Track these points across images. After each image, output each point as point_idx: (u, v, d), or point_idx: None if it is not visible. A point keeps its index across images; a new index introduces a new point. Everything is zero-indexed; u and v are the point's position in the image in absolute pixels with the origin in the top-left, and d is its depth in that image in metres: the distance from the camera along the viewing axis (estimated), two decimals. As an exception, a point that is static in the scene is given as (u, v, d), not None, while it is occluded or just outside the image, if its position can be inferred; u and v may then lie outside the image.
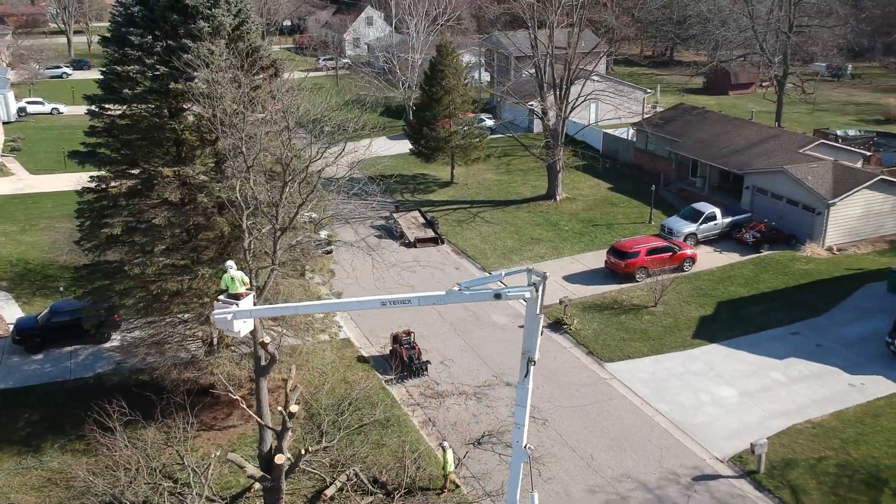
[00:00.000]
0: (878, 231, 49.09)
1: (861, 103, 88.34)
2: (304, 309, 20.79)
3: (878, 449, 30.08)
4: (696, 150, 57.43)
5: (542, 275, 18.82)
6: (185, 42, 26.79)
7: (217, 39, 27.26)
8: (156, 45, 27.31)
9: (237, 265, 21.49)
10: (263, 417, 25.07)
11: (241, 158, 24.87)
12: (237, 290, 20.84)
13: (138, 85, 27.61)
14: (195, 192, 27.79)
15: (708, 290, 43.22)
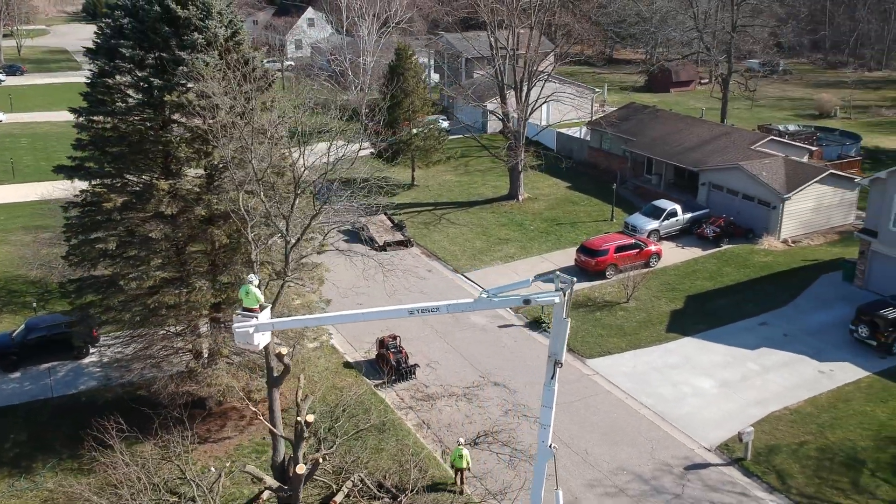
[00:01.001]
0: (829, 223, 51.44)
1: (795, 98, 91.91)
2: (327, 320, 21.03)
3: (853, 432, 31.76)
4: (651, 148, 59.11)
5: (568, 280, 19.47)
6: (180, 54, 26.62)
7: (211, 51, 27.16)
8: (147, 58, 27.04)
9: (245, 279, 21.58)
10: (276, 428, 25.16)
11: (249, 169, 24.91)
12: (252, 305, 20.94)
13: (129, 97, 27.31)
14: (191, 205, 27.63)
15: (675, 285, 44.69)
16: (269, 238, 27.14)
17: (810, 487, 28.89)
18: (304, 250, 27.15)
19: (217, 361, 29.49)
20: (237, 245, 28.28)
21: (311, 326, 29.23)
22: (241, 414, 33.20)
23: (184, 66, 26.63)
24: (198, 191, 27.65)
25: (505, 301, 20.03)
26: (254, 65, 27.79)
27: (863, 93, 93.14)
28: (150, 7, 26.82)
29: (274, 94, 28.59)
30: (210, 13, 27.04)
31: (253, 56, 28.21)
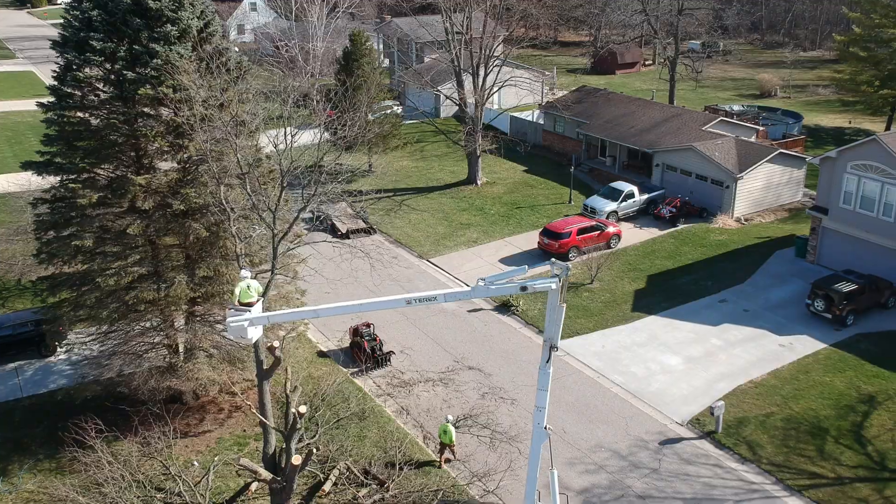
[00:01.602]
0: (778, 200, 53.20)
1: (737, 79, 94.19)
2: (323, 312, 21.16)
3: (815, 402, 33.20)
4: (605, 131, 60.12)
5: (564, 266, 19.98)
6: (153, 47, 26.24)
7: (184, 42, 26.82)
8: (119, 50, 26.58)
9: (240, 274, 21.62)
10: (265, 423, 25.23)
11: (226, 162, 24.81)
12: (251, 299, 21.01)
13: (101, 91, 26.83)
14: (167, 199, 27.35)
15: (636, 265, 45.79)
16: (251, 231, 27.01)
17: (779, 456, 30.17)
18: (290, 242, 27.11)
19: (197, 355, 29.31)
20: (215, 239, 28.10)
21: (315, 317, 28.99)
22: (219, 407, 33.10)
23: (158, 58, 26.23)
24: (175, 185, 27.33)
25: (502, 289, 20.46)
26: (228, 56, 27.51)
27: (800, 72, 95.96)
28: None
29: (248, 84, 28.30)
30: (182, 4, 26.66)
31: (226, 47, 27.94)
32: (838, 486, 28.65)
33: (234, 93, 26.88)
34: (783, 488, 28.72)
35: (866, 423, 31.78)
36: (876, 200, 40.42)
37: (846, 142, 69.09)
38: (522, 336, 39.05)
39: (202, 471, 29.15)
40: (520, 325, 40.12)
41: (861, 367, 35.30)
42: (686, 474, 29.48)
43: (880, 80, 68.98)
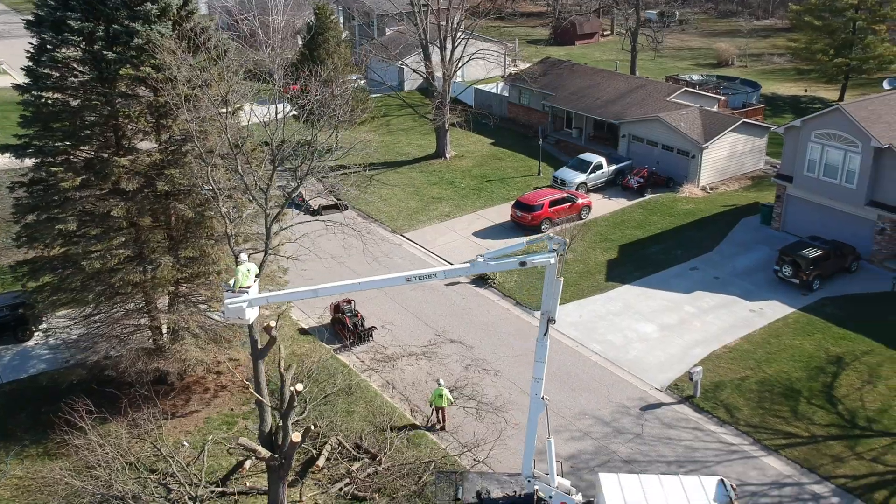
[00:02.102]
0: (742, 169, 54.38)
1: (694, 48, 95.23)
2: (323, 291, 21.33)
3: (787, 364, 34.39)
4: (571, 102, 60.62)
5: (562, 241, 20.46)
6: (133, 26, 25.85)
7: (164, 21, 26.47)
8: (97, 30, 26.13)
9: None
10: (261, 402, 25.38)
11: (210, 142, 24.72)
12: (248, 283, 21.16)
13: (80, 72, 26.39)
14: (152, 180, 27.12)
15: (608, 236, 46.58)
16: (239, 211, 26.97)
17: (756, 418, 31.29)
18: (283, 221, 27.16)
19: (183, 336, 29.26)
20: (201, 219, 27.98)
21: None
22: (204, 387, 33.12)
23: (139, 38, 25.86)
24: (158, 166, 27.09)
25: (502, 265, 20.88)
26: (208, 34, 27.24)
27: (754, 41, 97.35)
28: (96, -24, 25.84)
29: (230, 62, 28.03)
30: (162, -17, 26.28)
31: (207, 25, 27.64)
32: (812, 444, 29.85)
33: (216, 71, 26.57)
34: (761, 448, 29.83)
35: (836, 384, 33.05)
36: (839, 168, 41.61)
37: (803, 110, 70.88)
38: (501, 308, 39.60)
39: (193, 451, 29.32)
40: (497, 297, 40.66)
41: (828, 329, 36.59)
42: (668, 438, 30.44)
43: (834, 48, 70.49)
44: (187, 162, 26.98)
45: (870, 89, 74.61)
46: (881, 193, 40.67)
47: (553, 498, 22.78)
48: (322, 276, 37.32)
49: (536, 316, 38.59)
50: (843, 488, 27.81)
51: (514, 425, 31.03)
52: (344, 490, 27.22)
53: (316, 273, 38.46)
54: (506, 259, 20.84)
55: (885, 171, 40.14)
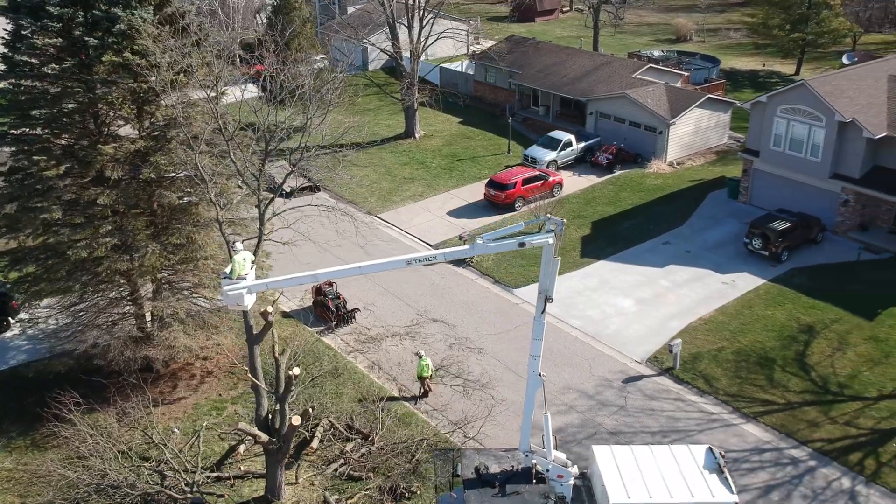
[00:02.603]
0: (707, 144, 55.46)
1: (653, 24, 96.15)
2: (323, 276, 21.48)
3: (760, 334, 35.48)
4: (538, 80, 61.00)
5: (559, 221, 20.92)
6: (115, 11, 25.50)
7: (146, 6, 26.16)
8: (77, 16, 25.72)
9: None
10: (257, 386, 25.53)
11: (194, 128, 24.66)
12: (246, 271, 21.29)
13: (61, 59, 25.97)
14: (137, 167, 26.91)
15: (580, 212, 47.26)
16: (227, 197, 26.92)
17: (734, 387, 32.32)
18: (276, 206, 27.19)
19: (171, 323, 29.19)
20: (187, 205, 27.87)
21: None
22: (190, 374, 33.09)
23: (120, 23, 25.54)
24: (143, 152, 26.87)
25: (501, 246, 21.29)
26: (189, 19, 27.00)
27: (710, 16, 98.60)
28: (74, -39, 25.39)
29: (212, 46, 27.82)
30: (141, -34, 25.93)
31: (188, 10, 27.37)
32: (789, 410, 30.97)
33: (198, 56, 26.40)
34: (740, 416, 30.87)
35: (808, 352, 34.24)
36: (804, 142, 42.73)
37: (761, 84, 72.30)
38: (480, 287, 40.08)
39: (184, 437, 29.38)
40: (476, 276, 41.12)
41: (798, 299, 37.78)
42: (651, 409, 31.31)
43: (790, 23, 71.85)
44: (172, 148, 26.80)
45: (824, 63, 76.45)
46: (844, 166, 41.91)
47: (550, 471, 23.37)
48: (303, 262, 37.29)
49: (517, 294, 39.44)
50: (819, 452, 28.96)
51: (501, 401, 31.64)
52: (339, 470, 27.56)
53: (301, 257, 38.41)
54: (505, 240, 21.23)
55: (848, 145, 41.34)
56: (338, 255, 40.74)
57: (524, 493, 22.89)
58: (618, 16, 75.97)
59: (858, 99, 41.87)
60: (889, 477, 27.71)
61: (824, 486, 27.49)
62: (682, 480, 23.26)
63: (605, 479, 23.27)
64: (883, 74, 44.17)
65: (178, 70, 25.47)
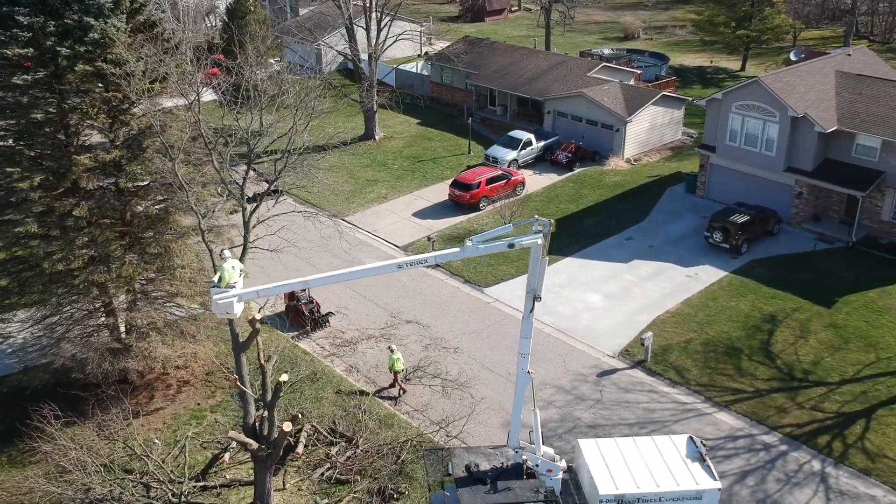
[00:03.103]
0: (662, 140, 56.74)
1: (600, 22, 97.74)
2: (314, 282, 21.59)
3: (726, 325, 36.58)
4: (494, 81, 61.61)
5: (547, 222, 21.44)
6: (87, 20, 25.20)
7: (118, 14, 25.90)
8: (48, 25, 25.36)
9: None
10: (244, 394, 25.53)
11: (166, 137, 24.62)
12: (234, 279, 21.36)
13: (31, 70, 25.56)
14: (114, 177, 26.64)
15: (543, 211, 47.90)
16: (205, 206, 26.82)
17: (704, 377, 33.29)
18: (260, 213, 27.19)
19: (149, 333, 28.94)
20: (164, 214, 27.67)
21: (308, 287, 28.78)
22: (166, 383, 32.80)
23: (94, 32, 25.25)
24: (118, 162, 26.59)
25: (490, 248, 21.70)
26: (162, 27, 26.83)
27: (656, 13, 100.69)
28: (44, -31, 25.01)
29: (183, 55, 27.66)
30: (113, -26, 25.65)
31: (160, 18, 27.17)
32: (758, 398, 32.05)
33: (172, 63, 26.27)
34: (712, 405, 31.83)
35: (772, 340, 35.42)
36: (759, 137, 44.10)
37: (709, 80, 74.19)
38: (451, 287, 40.48)
39: (166, 448, 29.16)
40: (446, 276, 41.50)
41: (760, 290, 39.02)
42: (627, 402, 32.09)
43: (735, 20, 73.84)
44: (147, 157, 26.60)
45: (767, 59, 78.76)
46: (797, 160, 43.37)
47: (540, 466, 23.88)
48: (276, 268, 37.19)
49: (487, 293, 39.95)
50: (789, 436, 30.06)
51: (481, 400, 32.08)
52: (326, 474, 27.69)
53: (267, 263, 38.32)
54: (495, 242, 21.66)
55: (801, 139, 42.80)
56: (310, 262, 40.73)
57: (516, 488, 23.35)
58: (569, 15, 76.96)
59: (808, 95, 43.37)
60: (856, 458, 28.92)
61: (796, 469, 28.57)
62: (667, 470, 24.00)
63: (593, 472, 23.89)
64: (830, 70, 45.80)
65: (154, 78, 25.29)
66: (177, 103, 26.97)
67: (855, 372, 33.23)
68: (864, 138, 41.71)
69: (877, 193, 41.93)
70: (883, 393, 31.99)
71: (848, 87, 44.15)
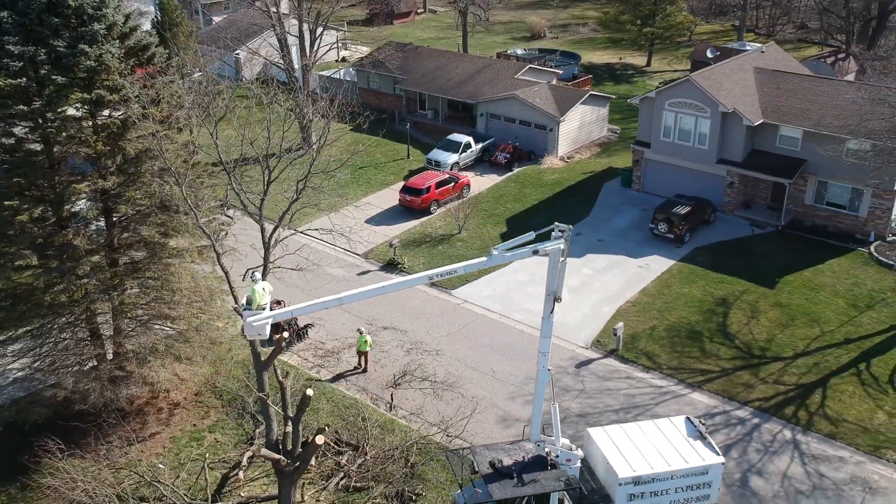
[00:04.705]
0: (590, 137, 59.32)
1: (505, 22, 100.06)
2: (347, 299, 22.23)
3: (684, 310, 39.11)
4: (424, 85, 62.75)
5: (566, 227, 22.89)
6: (82, 47, 24.91)
7: (112, 40, 25.69)
8: (39, 54, 24.93)
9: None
10: (267, 410, 25.92)
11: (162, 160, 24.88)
12: (265, 301, 21.92)
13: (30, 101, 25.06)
14: (113, 204, 26.43)
15: (492, 211, 49.57)
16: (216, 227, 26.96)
17: (674, 361, 35.62)
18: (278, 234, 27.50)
19: (148, 359, 28.78)
20: (164, 239, 27.61)
21: (341, 304, 28.77)
22: (157, 407, 32.52)
23: (88, 59, 24.98)
24: (116, 189, 26.38)
25: (516, 255, 23.01)
26: (153, 50, 26.78)
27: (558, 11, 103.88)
28: (31, -4, 24.56)
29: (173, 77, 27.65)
30: (105, 1, 25.38)
31: (150, 41, 27.05)
32: (725, 376, 34.60)
33: (166, 89, 26.32)
34: (685, 386, 34.17)
35: (727, 322, 38.17)
36: (692, 132, 47.04)
37: (619, 77, 77.61)
38: (419, 291, 41.45)
39: (172, 471, 29.09)
40: (411, 281, 42.39)
41: (707, 275, 41.82)
42: (608, 389, 34.03)
43: (641, 18, 77.53)
44: (146, 182, 26.52)
45: (669, 54, 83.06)
46: (728, 152, 46.54)
47: (560, 456, 25.33)
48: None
49: (455, 295, 41.18)
50: (759, 410, 32.69)
51: (472, 398, 33.30)
52: (341, 484, 28.33)
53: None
54: (519, 249, 22.94)
55: (731, 133, 45.96)
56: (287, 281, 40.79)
57: (541, 479, 24.72)
58: (484, 17, 78.84)
59: (734, 91, 46.58)
60: (821, 424, 31.79)
61: (771, 439, 31.16)
62: (674, 450, 25.91)
63: (609, 457, 25.55)
64: (749, 67, 49.25)
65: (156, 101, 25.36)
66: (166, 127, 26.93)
67: (805, 346, 36.29)
68: (787, 129, 45.23)
69: (800, 180, 45.52)
70: (832, 363, 35.13)
71: (767, 82, 47.65)
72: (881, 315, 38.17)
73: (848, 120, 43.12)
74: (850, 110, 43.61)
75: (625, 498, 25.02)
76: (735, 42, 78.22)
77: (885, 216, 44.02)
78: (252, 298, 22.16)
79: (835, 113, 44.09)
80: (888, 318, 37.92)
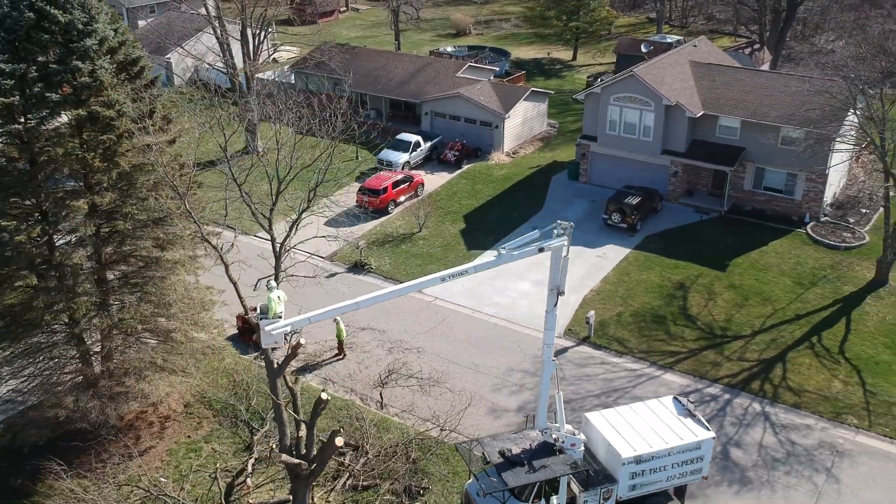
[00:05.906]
0: (532, 133, 61.01)
1: (429, 19, 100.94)
2: (364, 303, 22.85)
3: (645, 296, 41.07)
4: (366, 85, 63.16)
5: (568, 225, 24.17)
6: (76, 63, 24.68)
7: (104, 55, 25.52)
8: (30, 71, 24.60)
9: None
10: (281, 416, 26.31)
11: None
12: (280, 310, 22.51)
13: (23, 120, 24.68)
14: (113, 219, 26.26)
15: (448, 208, 50.60)
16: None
17: (643, 345, 37.48)
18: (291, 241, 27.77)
19: (145, 373, 28.69)
20: (161, 252, 27.57)
21: (358, 309, 28.89)
22: (147, 421, 32.34)
23: (82, 75, 24.78)
24: (114, 204, 26.23)
25: (523, 253, 24.15)
26: (142, 64, 26.72)
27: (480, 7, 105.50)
28: (19, 14, 24.21)
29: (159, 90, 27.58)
30: (95, 17, 25.18)
31: (140, 55, 26.93)
32: (693, 357, 36.64)
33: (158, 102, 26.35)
34: (658, 368, 36.04)
35: (687, 305, 40.31)
36: (637, 125, 49.14)
37: (547, 71, 79.73)
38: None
39: (175, 484, 29.10)
40: (380, 280, 43.08)
41: (662, 262, 43.94)
42: (587, 375, 35.60)
43: (566, 14, 79.78)
44: (142, 196, 26.47)
45: (592, 48, 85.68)
46: (672, 143, 48.84)
47: (565, 441, 26.62)
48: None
49: (425, 293, 42.02)
50: (728, 386, 34.82)
51: (458, 392, 34.31)
52: (348, 484, 28.94)
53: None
54: (525, 248, 24.09)
55: (674, 125, 48.25)
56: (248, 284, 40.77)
57: (551, 464, 25.97)
58: (417, 16, 79.61)
59: (675, 84, 48.90)
60: (786, 396, 34.13)
61: (743, 412, 33.30)
62: (668, 428, 27.56)
63: (610, 439, 27.00)
64: (685, 61, 51.70)
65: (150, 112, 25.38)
66: (156, 139, 26.96)
67: (761, 324, 38.71)
68: (726, 120, 47.82)
69: (740, 167, 48.20)
70: (787, 339, 37.64)
71: (703, 75, 50.17)
72: (825, 291, 41.00)
73: (782, 109, 45.95)
74: (783, 100, 46.47)
75: (627, 476, 26.51)
76: (655, 35, 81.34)
77: (818, 198, 47.11)
78: (268, 307, 22.66)
79: (770, 103, 46.87)
80: (831, 294, 40.77)
